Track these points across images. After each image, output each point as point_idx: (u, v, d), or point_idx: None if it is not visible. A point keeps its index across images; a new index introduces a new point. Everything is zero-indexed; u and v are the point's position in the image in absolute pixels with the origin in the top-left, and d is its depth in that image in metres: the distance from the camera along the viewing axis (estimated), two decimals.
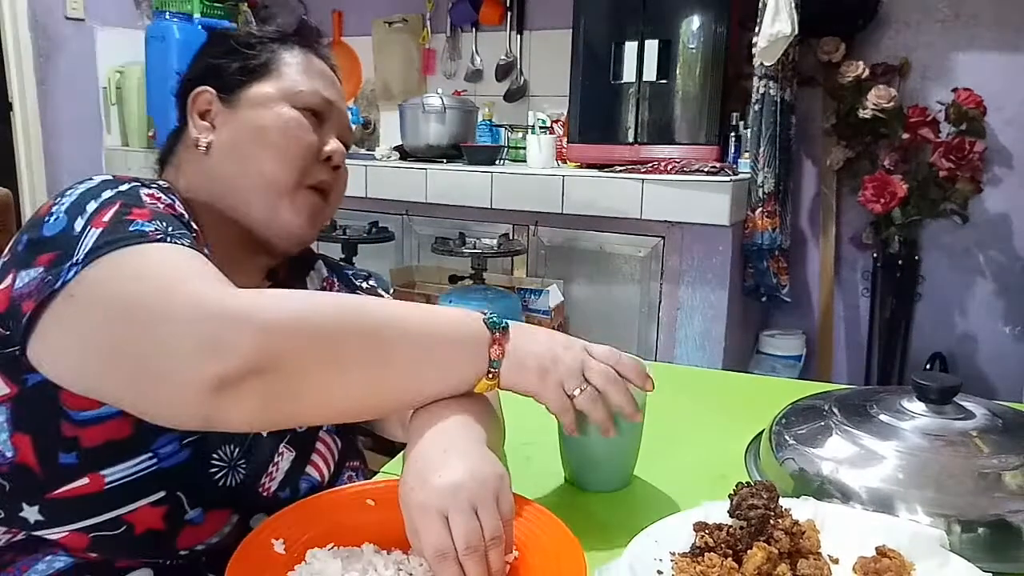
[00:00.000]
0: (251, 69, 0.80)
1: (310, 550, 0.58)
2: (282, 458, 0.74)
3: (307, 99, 0.79)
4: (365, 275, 0.96)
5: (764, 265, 2.22)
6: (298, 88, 0.79)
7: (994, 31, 2.17)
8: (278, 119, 0.78)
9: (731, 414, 0.95)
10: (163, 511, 0.66)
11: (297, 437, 0.76)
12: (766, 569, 0.54)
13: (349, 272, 0.95)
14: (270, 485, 0.73)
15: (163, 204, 0.69)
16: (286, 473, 0.74)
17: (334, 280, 0.93)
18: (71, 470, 0.63)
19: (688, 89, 2.18)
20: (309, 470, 0.76)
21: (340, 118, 0.83)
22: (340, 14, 3.20)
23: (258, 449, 0.73)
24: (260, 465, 0.72)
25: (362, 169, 2.46)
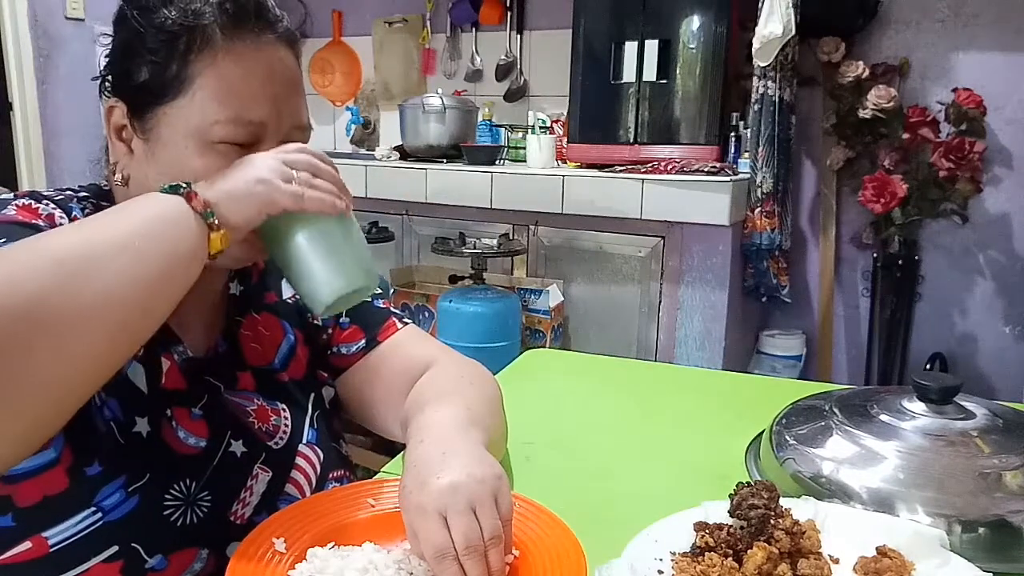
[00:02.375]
0: (160, 84, 0.63)
1: (311, 549, 0.58)
2: (256, 480, 0.71)
3: (226, 132, 0.63)
4: None
5: (764, 265, 2.22)
6: (213, 119, 0.62)
7: (994, 31, 2.17)
8: (188, 171, 0.62)
9: (731, 414, 0.95)
10: (119, 566, 0.61)
11: (273, 456, 0.73)
12: (767, 569, 0.54)
13: None
14: (244, 512, 0.69)
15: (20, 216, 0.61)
16: (263, 496, 0.71)
17: None
18: (9, 534, 0.59)
19: (688, 89, 2.18)
20: (289, 489, 0.73)
21: (287, 118, 0.66)
22: (340, 14, 3.20)
23: (223, 478, 0.69)
24: (229, 493, 0.69)
25: (362, 169, 2.46)
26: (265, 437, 0.73)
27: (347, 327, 0.81)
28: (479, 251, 2.10)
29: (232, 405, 0.72)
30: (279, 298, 0.80)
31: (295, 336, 0.79)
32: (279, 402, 0.75)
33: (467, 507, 0.54)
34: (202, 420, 0.69)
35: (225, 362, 0.73)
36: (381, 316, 0.83)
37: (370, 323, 0.82)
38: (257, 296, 0.79)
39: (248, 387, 0.74)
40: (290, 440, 0.74)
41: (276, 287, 0.81)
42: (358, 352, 0.80)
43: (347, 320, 0.81)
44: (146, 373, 0.67)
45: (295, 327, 0.79)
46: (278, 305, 0.79)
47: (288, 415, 0.75)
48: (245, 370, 0.75)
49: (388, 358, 0.80)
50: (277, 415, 0.74)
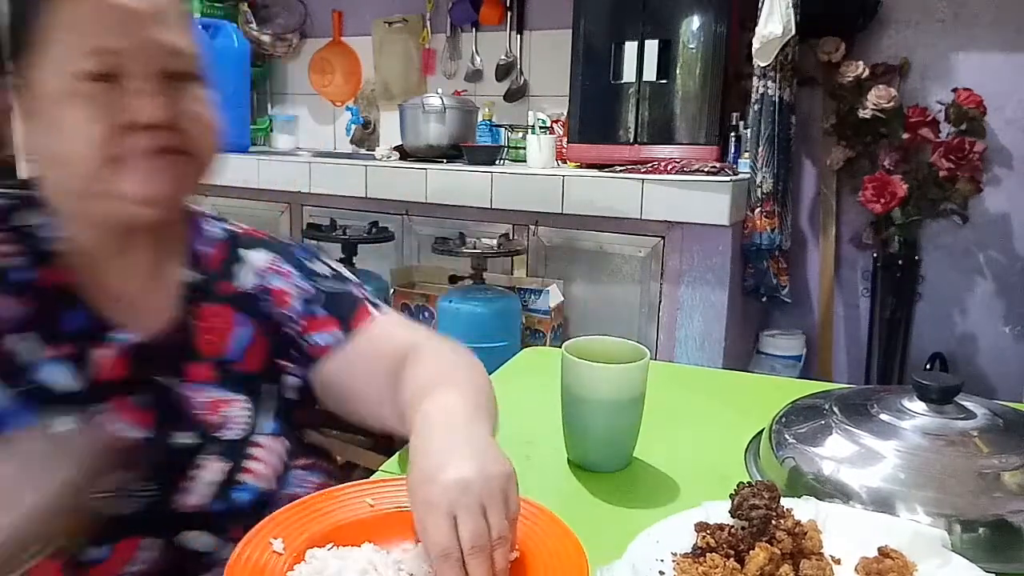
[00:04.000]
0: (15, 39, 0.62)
1: (309, 549, 0.58)
2: (203, 470, 0.70)
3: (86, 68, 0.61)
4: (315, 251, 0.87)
5: (764, 265, 2.22)
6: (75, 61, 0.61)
7: (994, 31, 2.17)
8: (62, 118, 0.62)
9: (731, 413, 0.95)
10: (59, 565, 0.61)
11: (225, 446, 0.71)
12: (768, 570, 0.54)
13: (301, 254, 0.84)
14: (193, 500, 0.68)
15: None
16: (219, 485, 0.70)
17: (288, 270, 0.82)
18: None
19: (688, 89, 2.18)
20: (245, 479, 0.71)
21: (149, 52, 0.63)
22: (340, 14, 3.19)
23: (167, 468, 0.68)
24: (172, 483, 0.68)
25: (362, 169, 2.45)
26: (214, 429, 0.71)
27: (319, 316, 0.79)
28: (479, 251, 2.10)
29: (179, 396, 0.71)
30: (238, 289, 0.78)
31: (253, 328, 0.77)
32: (235, 393, 0.74)
33: (477, 507, 0.53)
34: (147, 409, 0.68)
35: (174, 351, 0.72)
36: (353, 303, 0.81)
37: (343, 311, 0.80)
38: (214, 285, 0.77)
39: (200, 378, 0.73)
40: (246, 431, 0.73)
41: (236, 277, 0.78)
42: (334, 341, 0.78)
43: (321, 310, 0.79)
44: (74, 370, 0.66)
45: (253, 319, 0.77)
46: (235, 296, 0.77)
47: (245, 406, 0.74)
48: (198, 361, 0.73)
49: (368, 345, 0.78)
50: (231, 406, 0.73)
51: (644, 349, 0.79)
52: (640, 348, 0.80)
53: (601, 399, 0.77)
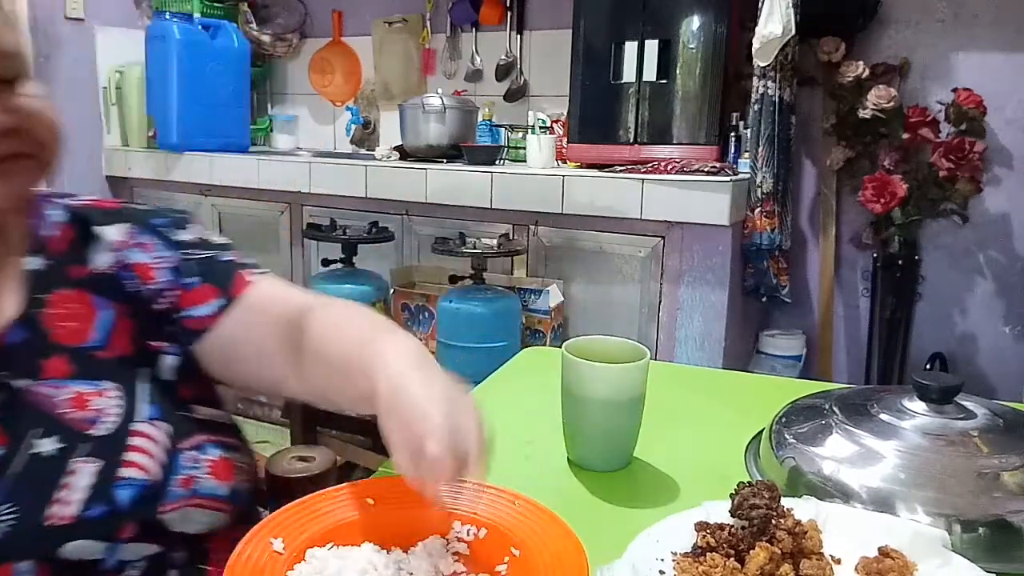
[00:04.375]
0: None
1: (309, 549, 0.58)
2: (76, 475, 0.63)
3: None
4: (182, 218, 0.80)
5: (764, 265, 2.22)
6: None
7: (994, 31, 2.17)
8: None
9: (731, 413, 0.95)
10: None
11: (97, 444, 0.65)
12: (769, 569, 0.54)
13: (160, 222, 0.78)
14: (67, 511, 0.62)
15: None
16: (94, 487, 0.64)
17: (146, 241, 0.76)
18: None
19: (688, 89, 2.18)
20: (126, 472, 0.65)
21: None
22: (340, 14, 3.19)
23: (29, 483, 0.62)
24: (38, 499, 0.62)
25: (362, 169, 2.45)
26: (84, 426, 0.65)
27: (193, 287, 0.74)
28: (479, 251, 2.10)
29: (36, 398, 0.65)
30: (92, 271, 0.72)
31: (115, 310, 0.72)
32: (103, 382, 0.68)
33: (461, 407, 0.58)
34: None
35: (22, 350, 0.66)
36: (230, 270, 0.77)
37: (221, 279, 0.75)
38: (64, 270, 0.71)
39: (59, 374, 0.67)
40: (120, 422, 0.67)
41: (88, 258, 0.72)
42: (216, 311, 0.74)
43: (193, 280, 0.74)
44: None
45: (113, 301, 0.72)
46: (89, 279, 0.72)
47: (116, 395, 0.68)
48: (55, 354, 0.67)
49: (255, 311, 0.74)
50: (101, 396, 0.68)
51: (644, 349, 0.79)
52: (640, 348, 0.80)
53: (601, 399, 0.77)
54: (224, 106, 2.83)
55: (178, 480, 0.67)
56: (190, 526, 0.68)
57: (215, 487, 0.69)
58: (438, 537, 0.61)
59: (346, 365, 0.65)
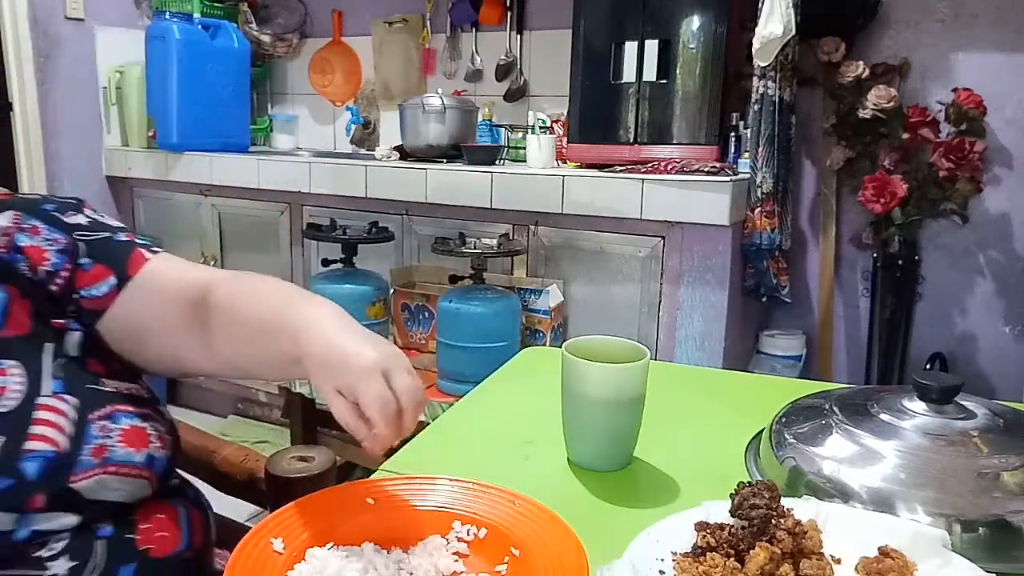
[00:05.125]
0: None
1: (309, 549, 0.58)
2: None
3: None
4: (74, 203, 0.81)
5: (764, 265, 2.22)
6: None
7: (994, 31, 2.17)
8: None
9: (731, 413, 0.95)
10: None
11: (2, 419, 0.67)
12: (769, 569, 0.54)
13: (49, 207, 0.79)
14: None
15: None
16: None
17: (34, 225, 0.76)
18: None
19: (688, 89, 2.18)
20: (32, 444, 0.66)
21: None
22: (340, 14, 3.20)
23: None
24: None
25: (362, 169, 2.46)
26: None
27: (89, 268, 0.76)
28: (479, 251, 2.10)
29: None
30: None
31: (7, 292, 0.72)
32: (3, 360, 0.69)
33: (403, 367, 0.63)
34: None
35: None
36: (125, 249, 0.78)
37: (115, 259, 0.77)
38: None
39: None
40: (22, 398, 0.68)
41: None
42: (111, 290, 0.76)
43: (88, 261, 0.76)
44: None
45: (5, 283, 0.73)
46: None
47: (17, 372, 0.69)
48: None
49: (153, 288, 0.76)
50: (2, 375, 0.69)
51: (644, 349, 0.79)
52: (640, 348, 0.80)
53: (601, 399, 0.77)
54: (224, 106, 2.83)
55: (89, 449, 0.68)
56: (109, 494, 0.68)
57: (129, 454, 0.70)
58: (438, 537, 0.62)
59: (265, 330, 0.69)
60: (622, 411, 0.78)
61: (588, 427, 0.79)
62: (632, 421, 0.79)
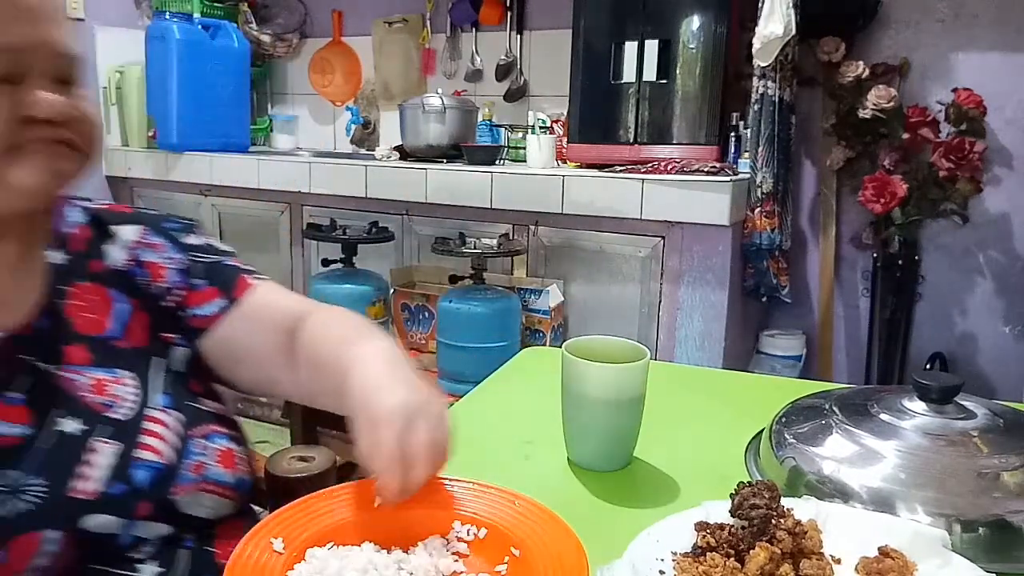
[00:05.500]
0: None
1: (309, 549, 0.58)
2: (97, 454, 0.68)
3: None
4: (190, 225, 0.85)
5: (764, 265, 2.22)
6: None
7: (994, 31, 2.17)
8: None
9: (731, 413, 0.95)
10: None
11: (116, 426, 0.70)
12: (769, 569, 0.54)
13: (171, 226, 0.83)
14: (90, 486, 0.66)
15: None
16: (113, 468, 0.68)
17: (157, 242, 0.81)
18: None
19: (688, 89, 2.18)
20: (141, 454, 0.69)
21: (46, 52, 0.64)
22: (340, 14, 3.20)
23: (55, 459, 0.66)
24: (64, 473, 0.66)
25: (362, 169, 2.45)
26: (102, 409, 0.70)
27: (201, 288, 0.79)
28: (479, 251, 2.10)
29: (60, 382, 0.69)
30: (108, 266, 0.77)
31: (130, 304, 0.76)
32: (120, 370, 0.73)
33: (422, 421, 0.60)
34: (21, 405, 0.67)
35: (47, 337, 0.70)
36: (233, 273, 0.82)
37: (224, 282, 0.80)
38: (83, 264, 0.75)
39: (80, 360, 0.71)
40: (137, 408, 0.71)
41: (104, 255, 0.77)
42: (218, 311, 0.79)
43: (201, 281, 0.79)
44: None
45: (128, 295, 0.76)
46: (106, 274, 0.76)
47: (132, 383, 0.73)
48: (75, 342, 0.71)
49: (255, 313, 0.79)
50: (119, 384, 0.72)
51: (644, 349, 0.79)
52: (640, 348, 0.80)
53: (601, 399, 0.77)
54: (224, 106, 2.83)
55: (190, 465, 0.71)
56: (200, 510, 0.71)
57: (222, 474, 0.73)
58: (438, 537, 0.62)
59: (328, 368, 0.71)
60: (622, 411, 0.78)
61: (588, 427, 0.79)
62: (632, 421, 0.79)
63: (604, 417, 0.78)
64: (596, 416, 0.78)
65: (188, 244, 0.82)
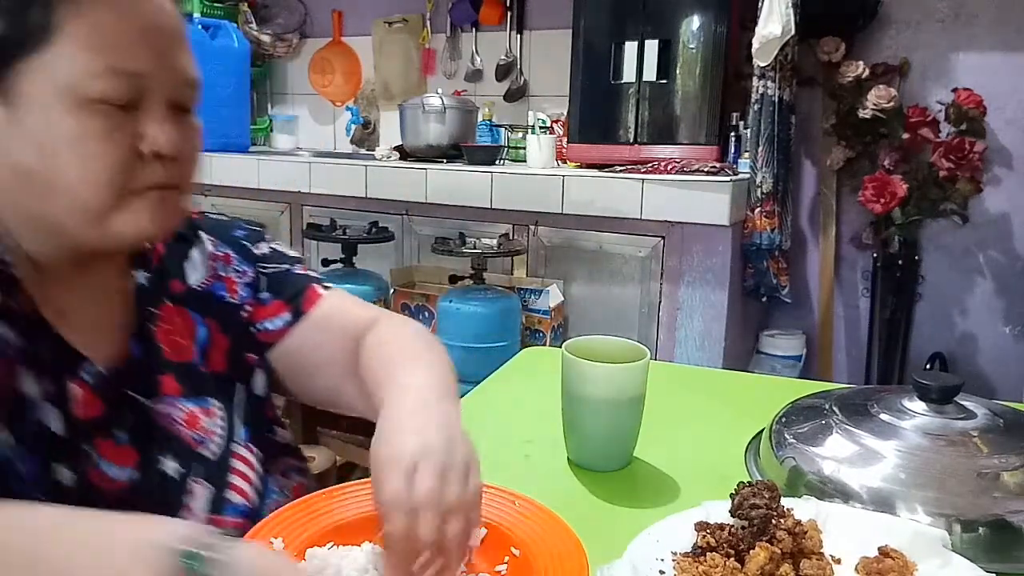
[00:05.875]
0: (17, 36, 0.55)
1: (309, 549, 0.58)
2: (194, 496, 0.66)
3: (104, 86, 0.55)
4: (260, 232, 0.81)
5: (764, 265, 2.22)
6: (86, 72, 0.55)
7: (994, 31, 2.17)
8: (62, 136, 0.55)
9: (731, 413, 0.95)
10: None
11: (208, 466, 0.67)
12: (769, 569, 0.54)
13: (240, 235, 0.79)
14: None
15: None
16: (207, 513, 0.66)
17: (228, 253, 0.77)
18: None
19: (688, 89, 2.18)
20: (231, 496, 0.68)
21: (172, 71, 0.60)
22: (340, 14, 3.20)
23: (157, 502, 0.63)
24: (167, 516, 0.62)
25: (362, 169, 2.45)
26: (196, 445, 0.68)
27: (267, 302, 0.76)
28: (479, 251, 2.10)
29: (158, 417, 0.66)
30: (188, 284, 0.73)
31: (208, 326, 0.73)
32: (208, 400, 0.70)
33: (437, 468, 0.53)
34: (128, 445, 0.64)
35: (143, 368, 0.67)
36: (301, 284, 0.78)
37: (292, 293, 0.77)
38: (164, 284, 0.71)
39: (173, 391, 0.68)
40: (224, 444, 0.69)
41: (180, 273, 0.73)
42: (285, 325, 0.76)
43: (267, 295, 0.76)
44: (59, 409, 0.60)
45: (207, 316, 0.73)
46: (186, 294, 0.73)
47: (220, 413, 0.70)
48: (167, 371, 0.68)
49: (324, 324, 0.76)
50: (208, 416, 0.69)
51: (644, 349, 0.79)
52: (640, 348, 0.80)
53: (601, 399, 0.77)
54: (224, 106, 2.83)
55: (270, 505, 0.70)
56: None
57: None
58: None
59: (373, 393, 0.66)
60: (622, 411, 0.78)
61: (588, 427, 0.79)
62: (632, 421, 0.79)
63: (604, 417, 0.78)
64: (596, 416, 0.78)
65: (257, 255, 0.78)
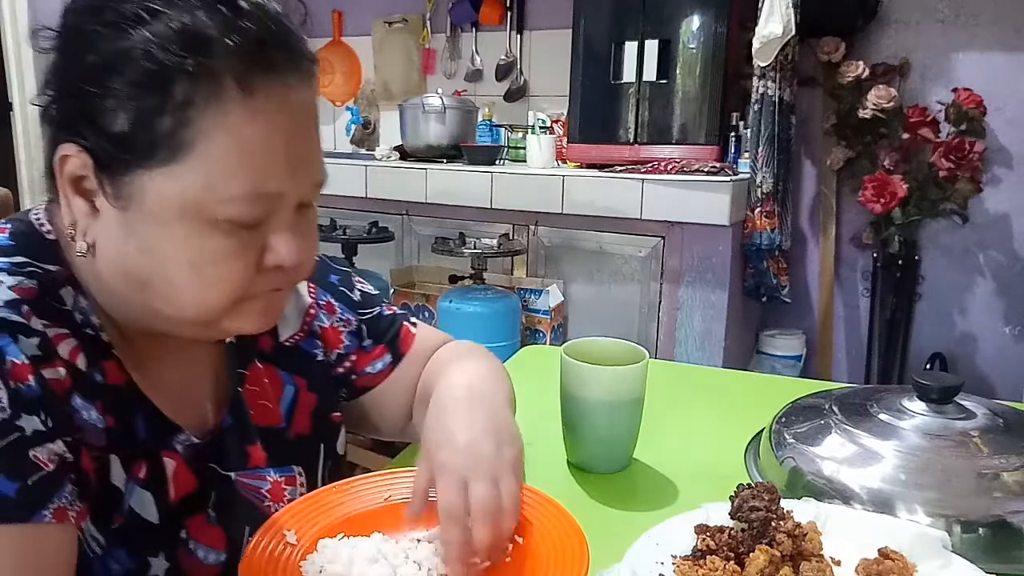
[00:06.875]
0: (145, 141, 0.48)
1: (321, 540, 0.59)
2: None
3: (239, 211, 0.50)
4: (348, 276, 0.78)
5: (764, 265, 2.22)
6: (222, 196, 0.49)
7: (994, 31, 2.17)
8: (183, 255, 0.51)
9: (731, 413, 0.95)
10: None
11: None
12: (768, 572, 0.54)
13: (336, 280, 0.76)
14: None
15: None
16: None
17: (330, 302, 0.74)
18: None
19: (688, 89, 2.18)
20: None
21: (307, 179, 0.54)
22: (340, 14, 3.19)
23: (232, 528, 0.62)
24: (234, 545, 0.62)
25: (362, 169, 2.45)
26: None
27: (370, 349, 0.75)
28: (479, 251, 2.10)
29: (246, 491, 0.64)
30: (275, 341, 0.69)
31: (296, 385, 0.69)
32: (292, 468, 0.67)
33: (488, 474, 0.55)
34: (217, 525, 0.61)
35: (233, 438, 0.63)
36: (394, 325, 0.78)
37: (391, 336, 0.77)
38: (252, 342, 0.67)
39: (259, 461, 0.65)
40: None
41: (271, 328, 0.66)
42: (385, 367, 0.76)
43: (370, 342, 0.75)
44: (151, 493, 0.56)
45: (295, 374, 0.69)
46: (275, 352, 0.68)
47: (300, 479, 0.68)
48: (256, 439, 0.65)
49: (415, 360, 0.77)
50: (292, 485, 0.67)
51: (643, 351, 0.79)
52: (639, 350, 0.80)
53: (600, 401, 0.77)
54: None
55: None
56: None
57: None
58: None
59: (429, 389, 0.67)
60: (621, 413, 0.78)
61: (587, 429, 0.79)
62: (631, 423, 0.79)
63: (603, 420, 0.78)
64: (595, 419, 0.78)
65: (355, 301, 0.76)
